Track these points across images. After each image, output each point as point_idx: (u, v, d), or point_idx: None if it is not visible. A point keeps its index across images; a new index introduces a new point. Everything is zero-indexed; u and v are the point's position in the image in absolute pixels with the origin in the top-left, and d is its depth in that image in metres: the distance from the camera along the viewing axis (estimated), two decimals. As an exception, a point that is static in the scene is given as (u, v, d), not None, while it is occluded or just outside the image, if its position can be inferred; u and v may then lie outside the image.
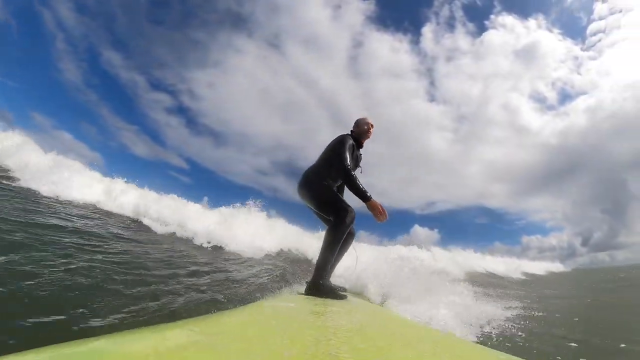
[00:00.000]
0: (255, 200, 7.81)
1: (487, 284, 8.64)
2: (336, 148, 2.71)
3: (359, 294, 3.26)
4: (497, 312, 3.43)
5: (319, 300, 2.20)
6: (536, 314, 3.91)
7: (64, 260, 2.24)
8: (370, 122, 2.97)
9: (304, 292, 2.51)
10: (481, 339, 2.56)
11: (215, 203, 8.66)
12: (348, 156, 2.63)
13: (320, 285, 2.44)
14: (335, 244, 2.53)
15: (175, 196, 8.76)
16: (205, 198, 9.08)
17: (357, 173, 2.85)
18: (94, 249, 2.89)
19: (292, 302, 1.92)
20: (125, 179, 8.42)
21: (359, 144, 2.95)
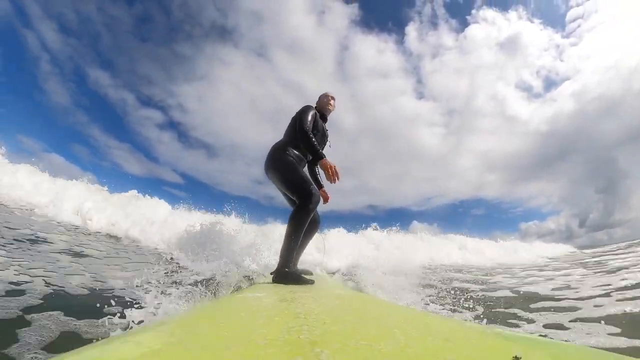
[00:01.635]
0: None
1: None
2: (298, 116, 2.74)
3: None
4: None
5: (287, 287, 2.22)
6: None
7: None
8: (330, 95, 3.05)
9: (271, 281, 2.52)
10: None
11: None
12: (309, 119, 2.68)
13: (286, 272, 2.45)
14: (299, 229, 2.50)
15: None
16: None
17: (326, 148, 2.96)
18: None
19: (260, 292, 1.93)
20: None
21: (323, 118, 3.01)
